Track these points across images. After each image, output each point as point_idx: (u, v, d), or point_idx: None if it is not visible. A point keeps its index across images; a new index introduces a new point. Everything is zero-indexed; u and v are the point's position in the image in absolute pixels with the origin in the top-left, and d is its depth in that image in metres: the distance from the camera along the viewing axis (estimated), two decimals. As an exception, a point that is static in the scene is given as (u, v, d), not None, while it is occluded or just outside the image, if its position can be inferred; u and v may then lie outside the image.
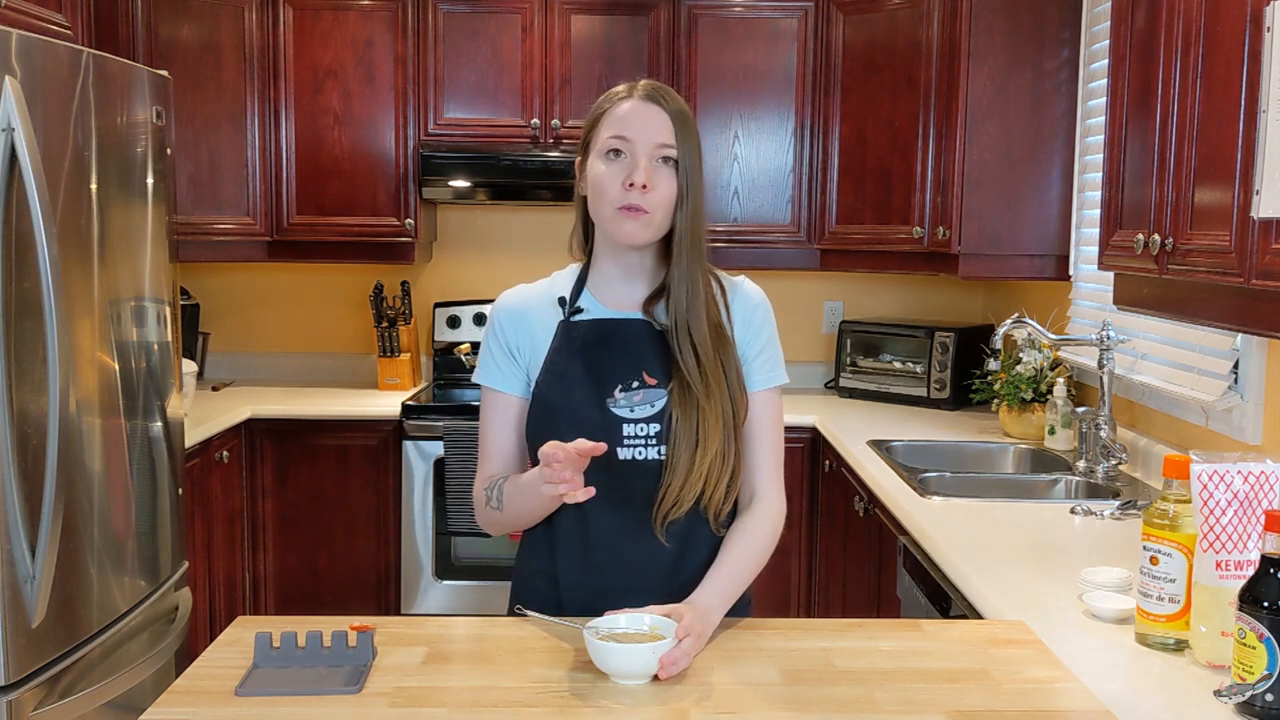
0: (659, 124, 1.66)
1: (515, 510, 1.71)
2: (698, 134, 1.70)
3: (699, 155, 1.69)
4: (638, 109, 1.67)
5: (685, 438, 1.65)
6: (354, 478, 3.89)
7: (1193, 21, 1.91)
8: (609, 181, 1.65)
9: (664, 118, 1.66)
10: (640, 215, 1.64)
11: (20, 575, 2.20)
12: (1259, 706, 1.39)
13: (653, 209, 1.65)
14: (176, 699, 1.41)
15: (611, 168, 1.66)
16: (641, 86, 1.69)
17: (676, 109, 1.68)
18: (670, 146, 1.66)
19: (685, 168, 1.66)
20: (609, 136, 1.66)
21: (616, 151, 1.66)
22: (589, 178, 1.69)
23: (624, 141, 1.65)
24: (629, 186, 1.63)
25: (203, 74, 3.87)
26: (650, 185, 1.64)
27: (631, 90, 1.69)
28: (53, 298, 2.21)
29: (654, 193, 1.64)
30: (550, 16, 3.97)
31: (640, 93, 1.68)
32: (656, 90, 1.69)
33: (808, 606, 3.89)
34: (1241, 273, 1.72)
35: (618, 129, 1.66)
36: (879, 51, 3.84)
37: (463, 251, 4.48)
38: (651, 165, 1.65)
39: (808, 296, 4.49)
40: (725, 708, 1.39)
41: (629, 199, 1.64)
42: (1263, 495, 1.53)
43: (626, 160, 1.65)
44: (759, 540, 1.71)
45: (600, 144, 1.68)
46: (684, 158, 1.66)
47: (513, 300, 1.79)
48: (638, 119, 1.66)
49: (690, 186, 1.67)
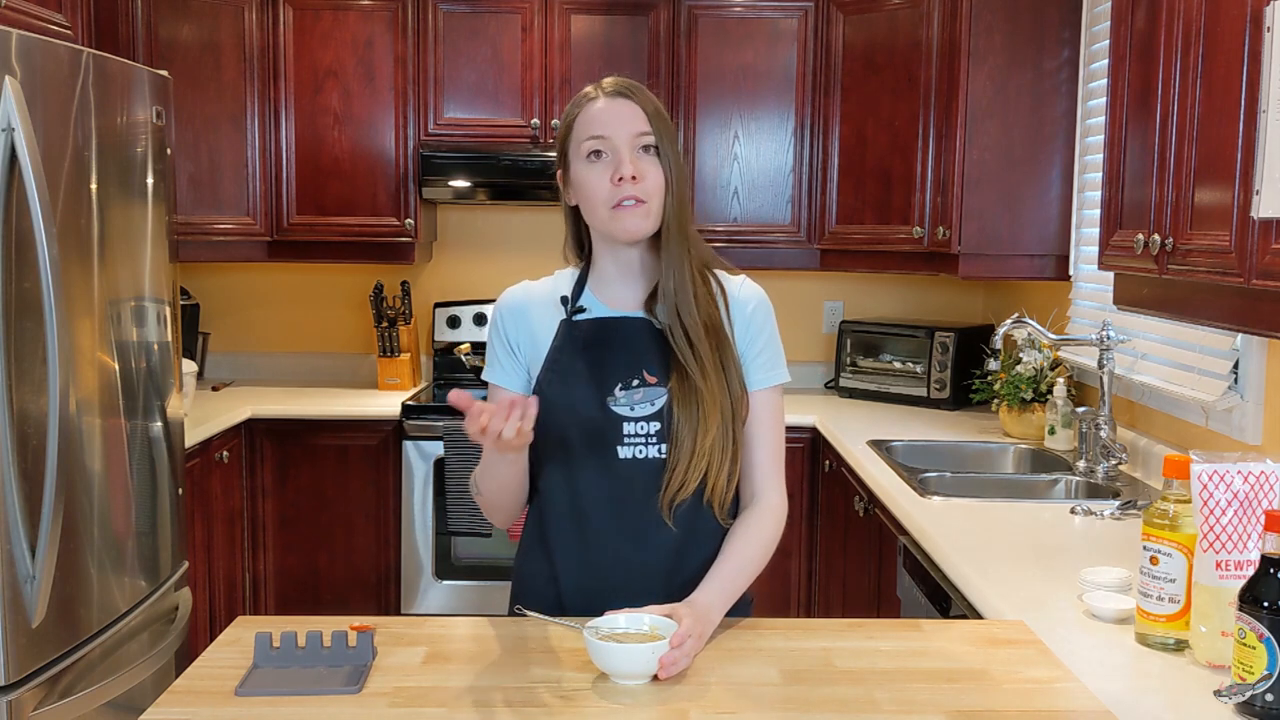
0: (632, 115, 1.66)
1: (488, 483, 1.72)
2: (669, 121, 1.70)
3: (675, 142, 1.69)
4: (608, 106, 1.67)
5: (687, 432, 1.65)
6: (354, 478, 3.89)
7: (1193, 21, 1.91)
8: (597, 182, 1.65)
9: (635, 109, 1.66)
10: (639, 206, 1.64)
11: (20, 575, 2.20)
12: (1259, 706, 1.39)
13: (648, 197, 1.65)
14: (176, 699, 1.41)
15: (596, 169, 1.66)
16: (607, 84, 1.69)
17: (645, 98, 1.68)
18: (648, 134, 1.66)
19: (666, 154, 1.67)
20: (586, 139, 1.66)
21: (597, 153, 1.66)
22: (575, 184, 1.69)
23: (602, 140, 1.65)
24: (619, 181, 1.63)
25: (203, 74, 3.87)
26: (640, 175, 1.64)
27: (598, 89, 1.69)
28: (53, 298, 2.21)
29: (645, 181, 1.64)
30: (550, 16, 3.97)
31: (607, 89, 1.68)
32: (623, 84, 1.69)
33: (808, 606, 3.89)
34: (1241, 273, 1.72)
35: (593, 129, 1.66)
36: (879, 51, 3.84)
37: (463, 251, 4.48)
38: (635, 156, 1.65)
39: (808, 296, 4.50)
40: (725, 708, 1.39)
41: (622, 193, 1.64)
42: (1263, 495, 1.53)
43: (609, 159, 1.65)
44: (760, 539, 1.71)
45: (579, 148, 1.67)
46: (663, 144, 1.67)
47: (515, 297, 1.79)
48: (610, 115, 1.66)
49: (674, 171, 1.67)
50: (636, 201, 1.64)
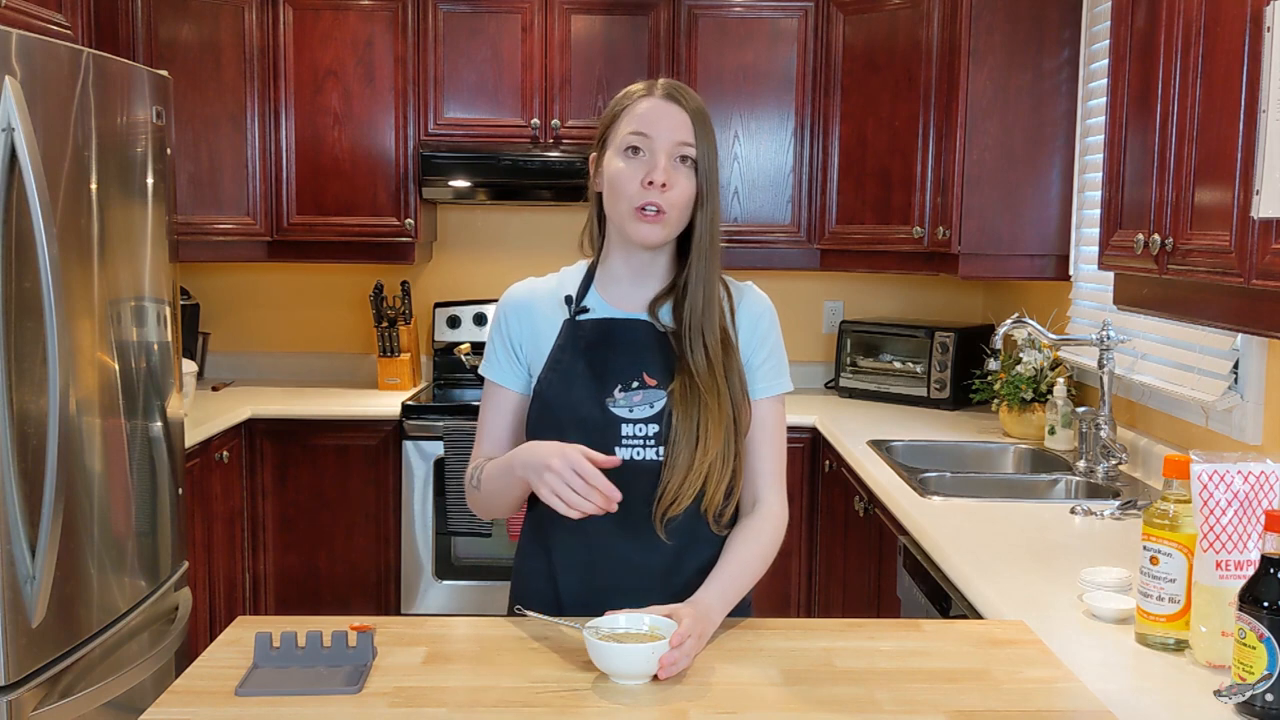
0: (679, 122, 1.65)
1: (491, 489, 1.71)
2: (714, 133, 1.70)
3: (715, 155, 1.69)
4: (658, 107, 1.66)
5: (685, 437, 1.65)
6: (354, 478, 3.89)
7: (1193, 21, 1.91)
8: (627, 179, 1.65)
9: (684, 116, 1.66)
10: (658, 217, 1.65)
11: (20, 575, 2.20)
12: (1259, 706, 1.39)
13: (670, 208, 1.65)
14: (176, 699, 1.41)
15: (630, 165, 1.65)
16: (661, 85, 1.69)
17: (696, 107, 1.68)
18: (690, 145, 1.65)
19: (704, 168, 1.67)
20: (629, 133, 1.66)
21: (635, 149, 1.65)
22: (606, 174, 1.69)
23: (643, 138, 1.65)
24: (648, 185, 1.63)
25: (203, 74, 3.87)
26: (669, 184, 1.64)
27: (651, 88, 1.69)
28: (53, 298, 2.21)
29: (672, 191, 1.64)
30: (550, 16, 3.97)
31: (660, 91, 1.68)
32: (676, 89, 1.69)
33: (808, 606, 3.89)
34: (1241, 273, 1.72)
35: (637, 125, 1.65)
36: (879, 51, 3.84)
37: (463, 251, 4.48)
38: (671, 164, 1.64)
39: (808, 296, 4.50)
40: (725, 708, 1.39)
41: (647, 197, 1.64)
42: (1263, 495, 1.53)
43: (645, 158, 1.65)
44: (760, 545, 1.71)
45: (619, 140, 1.67)
46: (702, 158, 1.66)
47: (520, 295, 1.79)
48: (658, 117, 1.65)
49: (709, 186, 1.67)
50: (658, 211, 1.64)
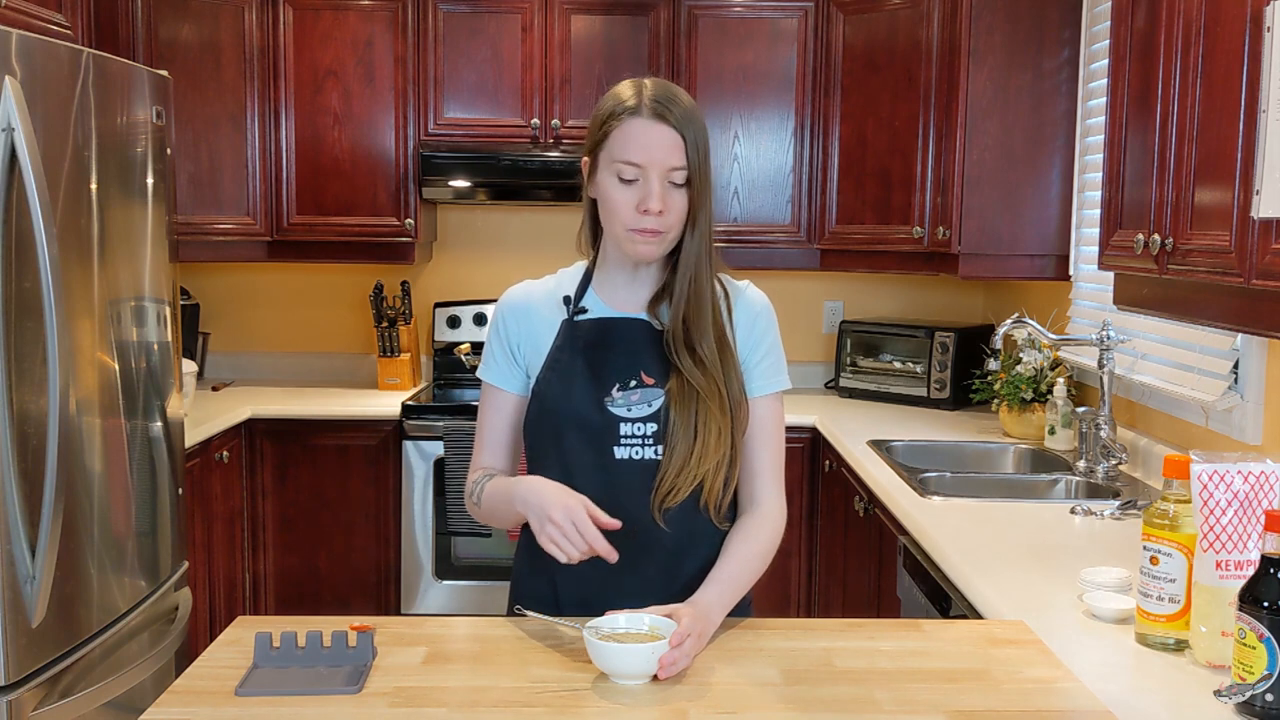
0: (669, 147, 1.63)
1: (490, 510, 1.72)
2: (705, 128, 1.67)
3: (707, 153, 1.67)
4: (648, 131, 1.62)
5: (683, 435, 1.65)
6: (354, 478, 3.89)
7: (1193, 21, 1.91)
8: (622, 205, 1.64)
9: (673, 137, 1.63)
10: (654, 236, 1.65)
11: (20, 575, 2.20)
12: (1259, 706, 1.39)
13: (667, 229, 1.65)
14: (176, 699, 1.41)
15: (624, 193, 1.64)
16: (648, 99, 1.64)
17: (684, 115, 1.64)
18: (681, 169, 1.64)
19: (696, 184, 1.65)
20: (620, 161, 1.64)
21: (628, 179, 1.64)
22: (599, 191, 1.68)
23: (635, 168, 1.63)
24: (643, 212, 1.63)
25: (203, 74, 3.87)
26: (666, 209, 1.63)
27: (639, 102, 1.64)
28: (53, 298, 2.21)
29: (669, 215, 1.64)
30: (550, 16, 3.97)
31: (648, 110, 1.63)
32: (663, 102, 1.63)
33: (808, 606, 3.89)
34: (1241, 273, 1.72)
35: (629, 154, 1.63)
36: (879, 51, 3.84)
37: (463, 251, 4.48)
38: (664, 189, 1.63)
39: (808, 296, 4.50)
40: (725, 708, 1.39)
41: (643, 224, 1.63)
42: (1263, 495, 1.53)
43: (639, 185, 1.63)
44: (759, 544, 1.71)
45: (610, 164, 1.65)
46: (694, 170, 1.64)
47: (518, 296, 1.79)
48: (648, 144, 1.62)
49: (701, 198, 1.66)
50: (655, 232, 1.64)
